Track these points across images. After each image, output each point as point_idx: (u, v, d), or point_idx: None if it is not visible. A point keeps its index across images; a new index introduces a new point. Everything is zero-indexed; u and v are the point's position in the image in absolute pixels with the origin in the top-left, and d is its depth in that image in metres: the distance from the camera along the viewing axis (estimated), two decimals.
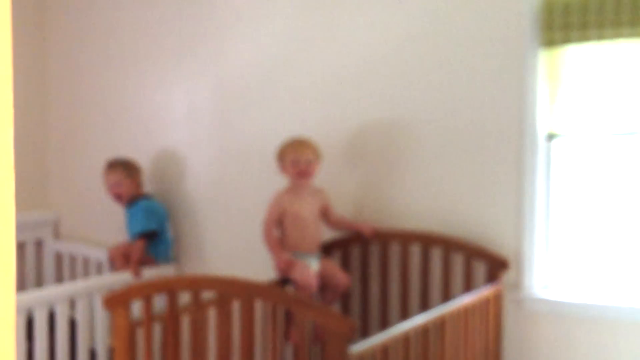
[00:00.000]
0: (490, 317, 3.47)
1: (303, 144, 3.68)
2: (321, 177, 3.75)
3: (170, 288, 2.86)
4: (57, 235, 5.18)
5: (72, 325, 3.98)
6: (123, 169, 4.45)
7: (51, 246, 5.12)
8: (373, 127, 3.95)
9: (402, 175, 3.88)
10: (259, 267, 3.91)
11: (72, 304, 4.11)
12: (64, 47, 5.12)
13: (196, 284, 2.83)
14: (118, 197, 4.47)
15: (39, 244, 5.10)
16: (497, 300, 3.53)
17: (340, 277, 3.75)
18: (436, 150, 3.78)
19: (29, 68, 5.02)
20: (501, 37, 3.58)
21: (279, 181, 3.81)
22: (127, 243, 4.46)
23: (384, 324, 3.82)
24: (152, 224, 4.38)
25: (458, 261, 3.69)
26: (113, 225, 4.89)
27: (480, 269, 3.61)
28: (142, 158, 4.61)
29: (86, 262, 4.93)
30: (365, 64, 3.95)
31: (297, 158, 3.63)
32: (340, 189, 4.02)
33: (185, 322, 2.96)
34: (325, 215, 3.84)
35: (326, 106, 4.08)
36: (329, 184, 3.90)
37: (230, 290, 2.76)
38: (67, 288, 3.93)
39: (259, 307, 3.21)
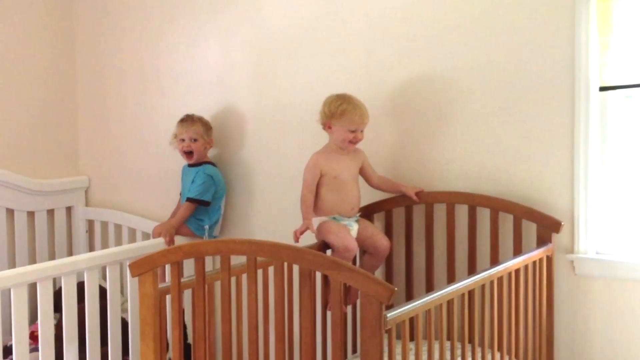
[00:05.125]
0: (542, 280, 3.38)
1: (363, 110, 3.55)
2: None
3: (199, 252, 2.74)
4: (87, 202, 5.15)
5: (102, 294, 3.87)
6: (202, 125, 4.29)
7: (82, 213, 5.09)
8: (415, 82, 3.85)
9: (446, 132, 3.78)
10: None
11: (102, 273, 4.06)
12: (92, 8, 5.08)
13: (226, 248, 2.71)
14: (189, 153, 4.29)
15: (69, 211, 5.07)
16: (549, 264, 3.43)
17: (380, 240, 3.63)
18: (482, 105, 3.67)
19: (56, 34, 4.96)
20: None
21: (318, 139, 3.73)
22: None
23: (430, 289, 3.73)
24: (208, 194, 4.21)
25: (507, 223, 3.58)
26: (143, 192, 4.91)
27: (531, 231, 3.51)
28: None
29: (118, 229, 4.92)
30: (409, 18, 3.85)
31: (356, 126, 3.54)
32: (381, 148, 3.93)
33: (218, 289, 2.87)
34: (366, 176, 3.75)
35: (366, 61, 3.99)
36: (369, 143, 3.78)
37: (261, 253, 2.65)
38: (98, 255, 3.82)
39: (295, 272, 3.10)
